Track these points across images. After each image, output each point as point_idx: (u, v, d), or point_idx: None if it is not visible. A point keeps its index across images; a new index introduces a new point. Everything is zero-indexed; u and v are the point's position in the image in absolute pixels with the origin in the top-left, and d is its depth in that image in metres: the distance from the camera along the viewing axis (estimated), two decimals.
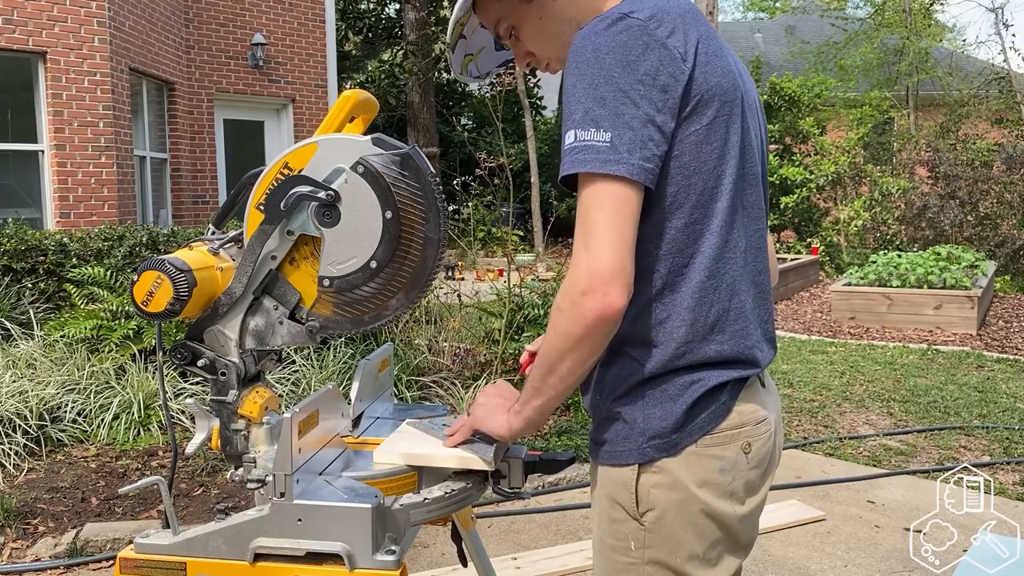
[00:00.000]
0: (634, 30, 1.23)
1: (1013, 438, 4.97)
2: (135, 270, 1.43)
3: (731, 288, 1.32)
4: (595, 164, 1.20)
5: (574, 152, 1.21)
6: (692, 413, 1.30)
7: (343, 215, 1.40)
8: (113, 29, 8.41)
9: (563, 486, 4.16)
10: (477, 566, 1.81)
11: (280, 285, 1.48)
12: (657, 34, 1.24)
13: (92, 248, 5.78)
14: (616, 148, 1.19)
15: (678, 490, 1.30)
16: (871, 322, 8.85)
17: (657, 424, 1.30)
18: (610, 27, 1.24)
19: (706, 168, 1.28)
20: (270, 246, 1.44)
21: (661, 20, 1.26)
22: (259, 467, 1.44)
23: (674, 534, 1.30)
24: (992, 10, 17.62)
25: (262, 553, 1.34)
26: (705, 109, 1.27)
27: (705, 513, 1.31)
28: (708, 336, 1.31)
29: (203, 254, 1.49)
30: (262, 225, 1.43)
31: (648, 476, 1.31)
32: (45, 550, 3.37)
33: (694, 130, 1.26)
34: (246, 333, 1.49)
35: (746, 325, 1.34)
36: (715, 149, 1.28)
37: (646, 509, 1.31)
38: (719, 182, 1.29)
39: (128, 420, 4.53)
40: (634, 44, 1.23)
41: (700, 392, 1.30)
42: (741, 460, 1.33)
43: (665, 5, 1.29)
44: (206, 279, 1.44)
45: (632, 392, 1.32)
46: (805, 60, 18.74)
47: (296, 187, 1.40)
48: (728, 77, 1.30)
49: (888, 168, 14.57)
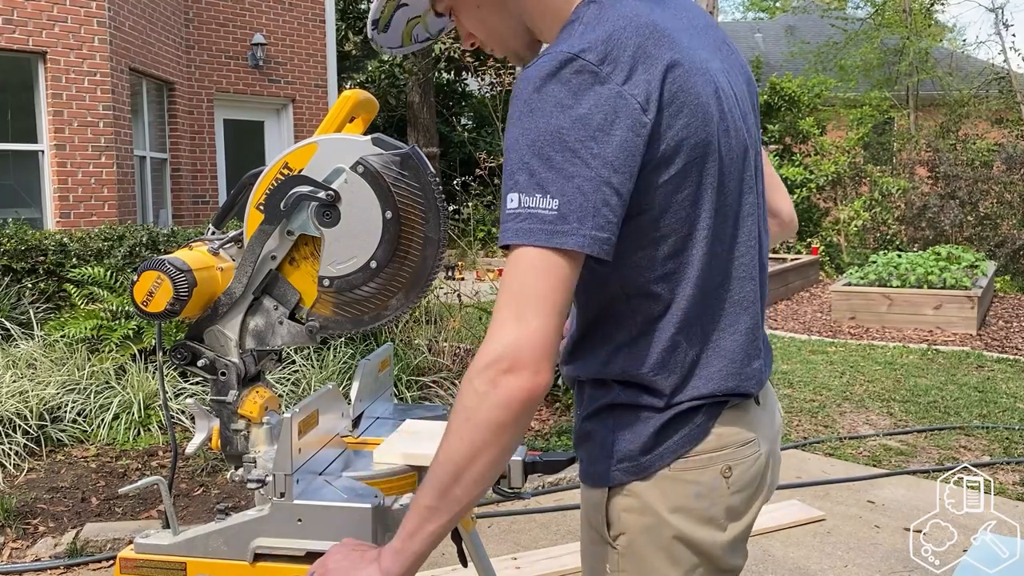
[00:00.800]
0: (585, 77, 1.08)
1: (1013, 438, 4.98)
2: (135, 270, 1.42)
3: (706, 333, 1.23)
4: (541, 237, 1.06)
5: (518, 220, 1.07)
6: (662, 435, 1.22)
7: (343, 215, 1.40)
8: (113, 29, 8.41)
9: (563, 486, 4.16)
10: (477, 566, 1.81)
11: (280, 285, 1.47)
12: (612, 80, 1.08)
13: (92, 248, 5.78)
14: (565, 218, 1.06)
15: (648, 515, 1.22)
16: (871, 322, 8.85)
17: (626, 446, 1.23)
18: (557, 72, 1.08)
19: (677, 217, 1.16)
20: (270, 246, 1.44)
21: (616, 59, 1.09)
22: (259, 467, 1.44)
23: (646, 560, 1.23)
24: (992, 10, 17.63)
25: (262, 553, 1.34)
26: (673, 157, 1.13)
27: (678, 540, 1.22)
28: (684, 381, 1.22)
29: (203, 254, 1.49)
30: (262, 225, 1.43)
31: (618, 499, 1.24)
32: (45, 550, 3.37)
33: (663, 180, 1.14)
34: (246, 333, 1.48)
35: (727, 363, 1.24)
36: (688, 196, 1.16)
37: (618, 533, 1.24)
38: (693, 229, 1.18)
39: (128, 420, 4.53)
40: (585, 95, 1.07)
41: (672, 414, 1.22)
42: (720, 485, 1.23)
43: (622, 32, 1.12)
44: (206, 279, 1.44)
45: (603, 412, 1.26)
46: (805, 60, 18.73)
47: (296, 187, 1.40)
48: (700, 111, 1.15)
49: (888, 168, 14.58)
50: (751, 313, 1.28)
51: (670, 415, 1.22)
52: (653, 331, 1.21)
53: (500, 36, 1.33)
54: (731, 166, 1.22)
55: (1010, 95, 15.98)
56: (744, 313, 1.27)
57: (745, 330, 1.27)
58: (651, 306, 1.21)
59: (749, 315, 1.27)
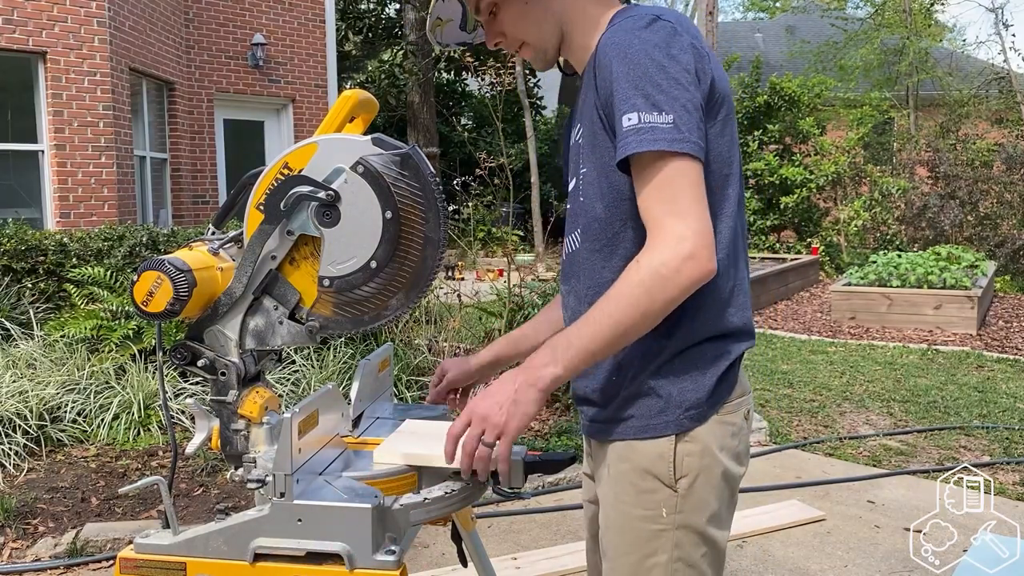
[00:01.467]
0: (669, 28, 1.33)
1: (1013, 438, 4.98)
2: (135, 270, 1.42)
3: (738, 265, 1.44)
4: (665, 143, 1.26)
5: (640, 132, 1.27)
6: (719, 384, 1.40)
7: (343, 215, 1.40)
8: (113, 29, 8.40)
9: (563, 486, 4.16)
10: (477, 566, 1.81)
11: (280, 285, 1.47)
12: (687, 35, 1.34)
13: (92, 248, 5.78)
14: (679, 128, 1.27)
15: (706, 456, 1.40)
16: (871, 322, 8.85)
17: (692, 396, 1.39)
18: (649, 25, 1.34)
19: (721, 158, 1.38)
20: (270, 246, 1.44)
21: (685, 27, 1.36)
22: (259, 467, 1.44)
23: (702, 497, 1.40)
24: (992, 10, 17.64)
25: (262, 553, 1.34)
26: (721, 106, 1.37)
27: (723, 475, 1.41)
28: (726, 308, 1.41)
29: (203, 254, 1.49)
30: (262, 225, 1.43)
31: (683, 445, 1.39)
32: (45, 550, 3.37)
33: (712, 123, 1.36)
34: (246, 333, 1.48)
35: (747, 299, 1.46)
36: (727, 141, 1.39)
37: (680, 476, 1.39)
38: (731, 170, 1.41)
39: (128, 420, 4.53)
40: (674, 40, 1.32)
41: (725, 365, 1.41)
42: (744, 425, 1.47)
43: (674, 14, 1.39)
44: (206, 279, 1.44)
45: (663, 367, 1.40)
46: (805, 60, 18.73)
47: (296, 187, 1.40)
48: (726, 83, 1.41)
49: (888, 168, 14.57)
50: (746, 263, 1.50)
51: (724, 366, 1.40)
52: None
53: (538, 35, 1.50)
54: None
55: (1010, 95, 15.98)
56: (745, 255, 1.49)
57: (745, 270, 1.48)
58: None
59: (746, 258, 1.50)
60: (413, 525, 1.41)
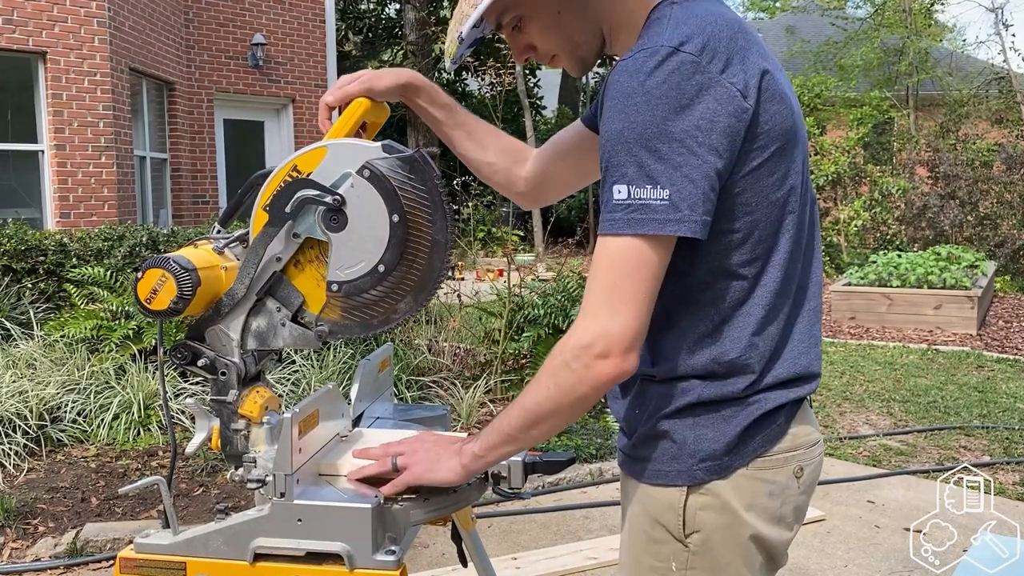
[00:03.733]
0: (686, 68, 1.13)
1: (1013, 438, 4.98)
2: (138, 268, 1.42)
3: (789, 317, 1.28)
4: (653, 226, 1.12)
5: (628, 210, 1.13)
6: (747, 435, 1.25)
7: (350, 219, 1.39)
8: (113, 29, 8.40)
9: (563, 486, 4.16)
10: (477, 566, 1.81)
11: (284, 287, 1.47)
12: (711, 70, 1.13)
13: (92, 248, 5.78)
14: (676, 206, 1.12)
15: (727, 514, 1.26)
16: (871, 322, 8.85)
17: (709, 446, 1.25)
18: (660, 65, 1.13)
19: (768, 202, 1.22)
20: (275, 248, 1.43)
21: (715, 51, 1.15)
22: (259, 467, 1.44)
23: (719, 557, 1.27)
24: (992, 10, 17.63)
25: (262, 553, 1.34)
26: (768, 144, 1.20)
27: (752, 538, 1.27)
28: (767, 366, 1.26)
29: (208, 253, 1.48)
30: (266, 227, 1.42)
31: (696, 498, 1.26)
32: (45, 550, 3.37)
33: (758, 163, 1.19)
34: (248, 333, 1.48)
35: (801, 350, 1.30)
36: (778, 179, 1.22)
37: (692, 531, 1.27)
38: (783, 215, 1.24)
39: (128, 420, 4.53)
40: (687, 85, 1.12)
41: (757, 415, 1.25)
42: (792, 485, 1.29)
43: (715, 27, 1.17)
44: (210, 278, 1.44)
45: (683, 412, 1.27)
46: (805, 60, 18.72)
47: (302, 190, 1.40)
48: (786, 101, 1.22)
49: (888, 168, 14.56)
50: (817, 295, 1.34)
51: (755, 415, 1.25)
52: (741, 315, 1.25)
53: (573, 43, 1.34)
54: (806, 154, 1.30)
55: (1010, 95, 15.97)
56: (814, 298, 1.33)
57: (811, 311, 1.33)
58: (738, 289, 1.25)
59: (816, 299, 1.34)
60: (413, 525, 1.41)
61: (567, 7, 1.31)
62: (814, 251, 1.35)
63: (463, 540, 1.74)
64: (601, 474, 4.28)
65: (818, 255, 1.37)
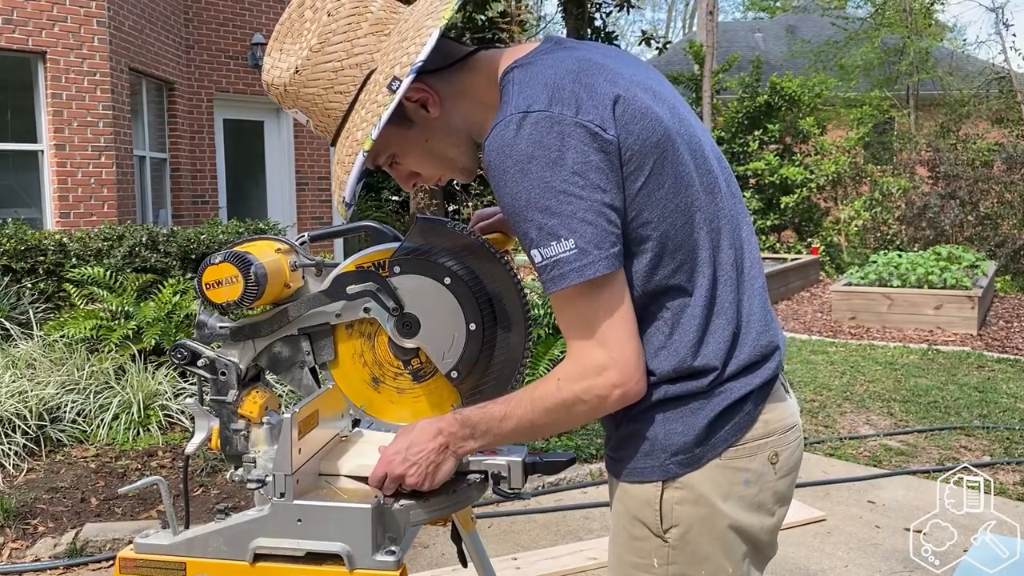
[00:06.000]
0: (542, 125, 1.16)
1: (1013, 438, 4.97)
2: (219, 249, 1.42)
3: (734, 306, 1.29)
4: (574, 276, 1.17)
5: (548, 271, 1.18)
6: (715, 426, 1.27)
7: (417, 316, 1.41)
8: (113, 29, 8.40)
9: (563, 486, 4.16)
10: (477, 566, 1.81)
11: (325, 340, 1.49)
12: (565, 117, 1.17)
13: (92, 248, 5.78)
14: (584, 251, 1.16)
15: (703, 505, 1.28)
16: (871, 322, 8.84)
17: (679, 439, 1.27)
18: (518, 132, 1.17)
19: (669, 211, 1.23)
20: (337, 306, 1.45)
21: (561, 99, 1.18)
22: (259, 467, 1.44)
23: (699, 550, 1.28)
24: (992, 10, 17.66)
25: (262, 553, 1.34)
26: (644, 163, 1.21)
27: (732, 528, 1.29)
28: (727, 357, 1.28)
29: (284, 264, 1.47)
30: (321, 292, 1.45)
31: (672, 492, 1.29)
32: (45, 550, 3.37)
33: (640, 185, 1.21)
34: (267, 353, 1.50)
35: (757, 329, 1.31)
36: (669, 191, 1.23)
37: (670, 525, 1.29)
38: (690, 215, 1.25)
39: (128, 420, 4.52)
40: (549, 139, 1.16)
41: (723, 405, 1.27)
42: (767, 471, 1.31)
43: (556, 77, 1.21)
44: (270, 294, 1.44)
45: (651, 409, 1.29)
46: (805, 60, 18.72)
47: (371, 284, 1.42)
48: (652, 123, 1.22)
49: (888, 168, 14.57)
50: (758, 271, 1.36)
51: (722, 406, 1.27)
52: (686, 320, 1.27)
53: (450, 160, 1.37)
54: (694, 140, 1.30)
55: (1010, 95, 15.97)
56: (758, 275, 1.35)
57: (758, 288, 1.35)
58: (676, 297, 1.27)
59: (759, 275, 1.36)
60: (413, 525, 1.41)
61: (432, 133, 1.34)
62: (741, 227, 1.35)
63: (463, 540, 1.74)
64: (601, 474, 4.28)
65: (748, 228, 1.37)
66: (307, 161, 11.88)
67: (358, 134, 1.28)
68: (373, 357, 1.50)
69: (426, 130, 1.33)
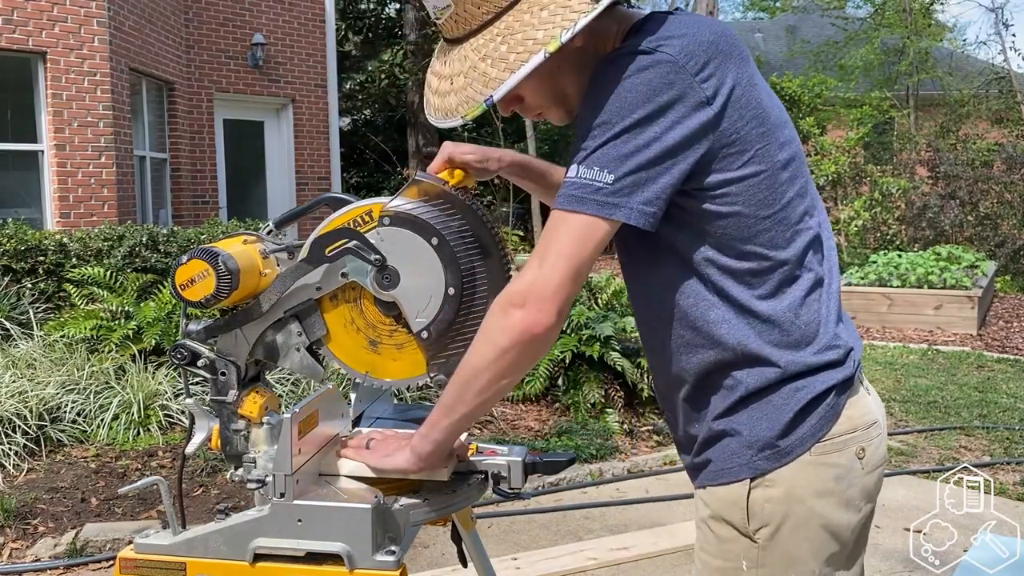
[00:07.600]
0: (661, 66, 1.15)
1: (1013, 438, 4.97)
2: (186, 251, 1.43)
3: (818, 297, 1.29)
4: (592, 206, 1.15)
5: (573, 187, 1.17)
6: (800, 419, 1.25)
7: (399, 270, 1.41)
8: (113, 29, 8.40)
9: (563, 486, 4.16)
10: (477, 566, 1.81)
11: (312, 316, 1.48)
12: (687, 70, 1.16)
13: (92, 248, 5.78)
14: (616, 191, 1.15)
15: (793, 502, 1.25)
16: (871, 322, 8.85)
17: (765, 434, 1.25)
18: (635, 59, 1.16)
19: (769, 202, 1.23)
20: (315, 277, 1.45)
21: (692, 53, 1.17)
22: (259, 467, 1.44)
23: (789, 549, 1.25)
24: (992, 10, 17.63)
25: (262, 553, 1.34)
26: (743, 152, 1.21)
27: (823, 526, 1.26)
28: (806, 347, 1.27)
29: (253, 254, 1.48)
30: (301, 261, 1.44)
31: (760, 491, 1.25)
32: (45, 550, 3.37)
33: (739, 173, 1.21)
34: (261, 344, 1.50)
35: (836, 328, 1.31)
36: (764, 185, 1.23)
37: (759, 525, 1.26)
38: (788, 212, 1.25)
39: (128, 420, 4.52)
40: (659, 82, 1.15)
41: (807, 399, 1.25)
42: (855, 466, 1.28)
43: (697, 31, 1.20)
44: (247, 284, 1.44)
45: (735, 407, 1.28)
46: (805, 60, 18.73)
47: (348, 240, 1.42)
48: (757, 102, 1.23)
49: (888, 168, 14.56)
50: (837, 273, 1.37)
51: (805, 399, 1.25)
52: (770, 306, 1.26)
53: (564, 95, 1.33)
54: (794, 144, 1.30)
55: (1010, 95, 15.98)
56: (836, 277, 1.36)
57: (836, 290, 1.34)
58: (769, 282, 1.26)
59: (838, 278, 1.37)
60: (413, 525, 1.41)
61: (565, 62, 1.28)
62: (825, 230, 1.36)
63: (463, 540, 1.74)
64: (601, 474, 4.28)
65: (828, 232, 1.38)
66: (307, 161, 11.89)
67: (537, 34, 1.19)
68: (364, 321, 1.49)
69: (560, 58, 1.22)
